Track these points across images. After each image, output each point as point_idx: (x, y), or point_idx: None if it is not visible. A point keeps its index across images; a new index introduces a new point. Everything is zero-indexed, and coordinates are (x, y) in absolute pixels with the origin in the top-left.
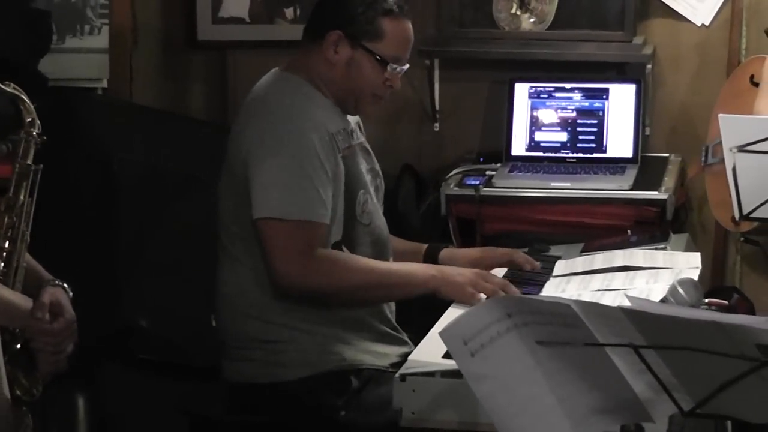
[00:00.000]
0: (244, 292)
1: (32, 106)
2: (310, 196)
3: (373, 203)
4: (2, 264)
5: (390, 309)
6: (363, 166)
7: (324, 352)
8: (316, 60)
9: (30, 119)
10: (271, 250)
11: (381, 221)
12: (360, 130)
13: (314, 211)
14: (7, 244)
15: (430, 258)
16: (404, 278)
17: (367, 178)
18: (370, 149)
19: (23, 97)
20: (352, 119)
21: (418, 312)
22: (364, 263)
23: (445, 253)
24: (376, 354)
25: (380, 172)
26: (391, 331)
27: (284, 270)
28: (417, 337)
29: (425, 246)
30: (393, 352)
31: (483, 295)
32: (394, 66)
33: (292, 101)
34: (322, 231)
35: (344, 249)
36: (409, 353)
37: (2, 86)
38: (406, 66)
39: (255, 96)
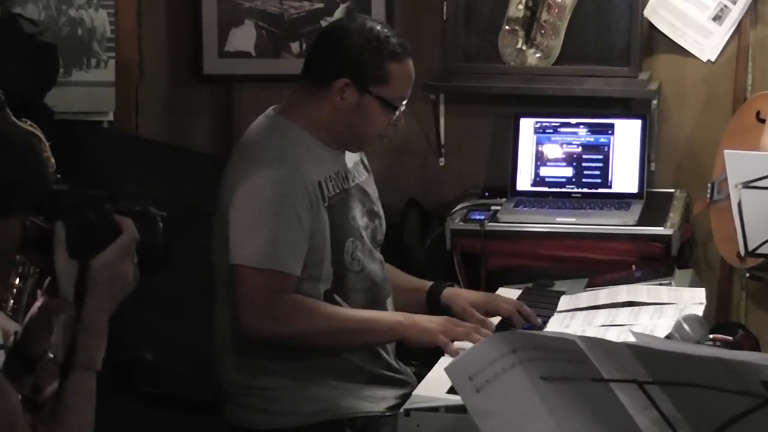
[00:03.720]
0: (233, 338)
1: (47, 144)
2: (283, 247)
3: (365, 248)
4: (12, 301)
5: (387, 349)
6: (355, 211)
7: (316, 401)
8: (318, 104)
9: (45, 155)
10: (237, 296)
11: (375, 265)
12: (364, 165)
13: (285, 262)
14: (18, 281)
15: (433, 296)
16: (370, 324)
17: (361, 222)
18: (368, 189)
19: (40, 135)
20: (354, 156)
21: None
22: (328, 309)
23: (449, 291)
24: (372, 399)
25: (380, 212)
26: (389, 373)
27: (246, 315)
28: (422, 371)
29: (429, 284)
30: (390, 394)
31: (457, 343)
32: (401, 108)
33: (278, 149)
34: (291, 282)
35: (336, 297)
36: (408, 394)
37: (20, 123)
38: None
39: (244, 140)
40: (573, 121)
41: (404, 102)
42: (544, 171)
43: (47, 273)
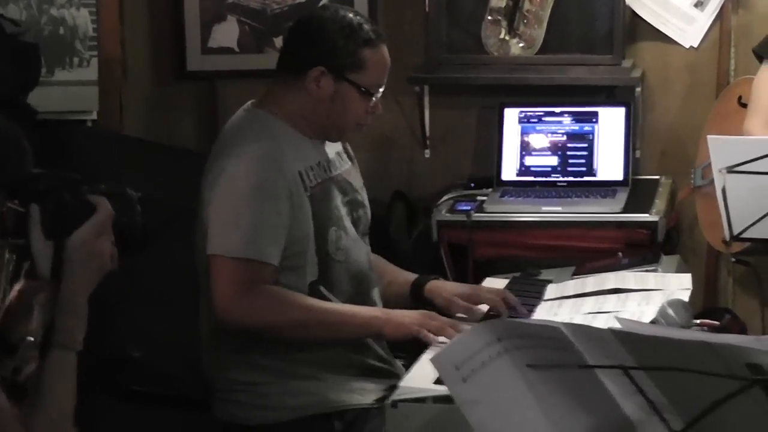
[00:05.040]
0: (219, 333)
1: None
2: (258, 236)
3: (349, 238)
4: None
5: (379, 341)
6: (338, 200)
7: (304, 395)
8: (296, 94)
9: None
10: (213, 284)
11: (360, 255)
12: (347, 154)
13: (261, 250)
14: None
15: (417, 289)
16: (345, 318)
17: (343, 211)
18: (351, 179)
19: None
20: (336, 146)
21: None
22: (303, 301)
23: (433, 284)
24: (361, 391)
25: (364, 201)
26: (379, 364)
27: (221, 304)
28: (412, 363)
29: (413, 276)
30: (379, 386)
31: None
32: (377, 95)
33: (257, 142)
34: (268, 271)
35: (321, 288)
36: (396, 385)
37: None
38: (383, 88)
39: (224, 135)
40: (557, 110)
41: (381, 89)
42: (530, 160)
43: (26, 257)
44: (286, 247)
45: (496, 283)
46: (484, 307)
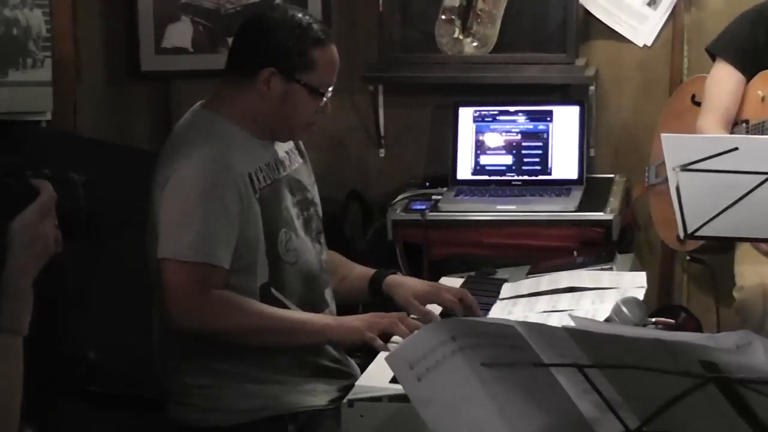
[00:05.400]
0: (170, 336)
1: None
2: (210, 240)
3: (299, 239)
4: None
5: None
6: (287, 201)
7: (257, 398)
8: (245, 95)
9: None
10: (165, 289)
11: (310, 255)
12: (299, 151)
13: (212, 254)
14: None
15: (375, 284)
16: (298, 325)
17: (293, 212)
18: (301, 177)
19: None
20: (287, 144)
21: None
22: (256, 308)
23: (391, 279)
24: (314, 393)
25: (315, 199)
26: (333, 365)
27: (174, 310)
28: (367, 363)
29: (371, 272)
30: (334, 387)
31: (396, 338)
32: (327, 95)
33: (205, 144)
34: (219, 274)
35: (273, 290)
36: (351, 385)
37: None
38: (332, 87)
39: (172, 137)
40: (512, 108)
41: (330, 89)
42: (485, 159)
43: None
44: (236, 249)
45: (451, 282)
46: (439, 308)
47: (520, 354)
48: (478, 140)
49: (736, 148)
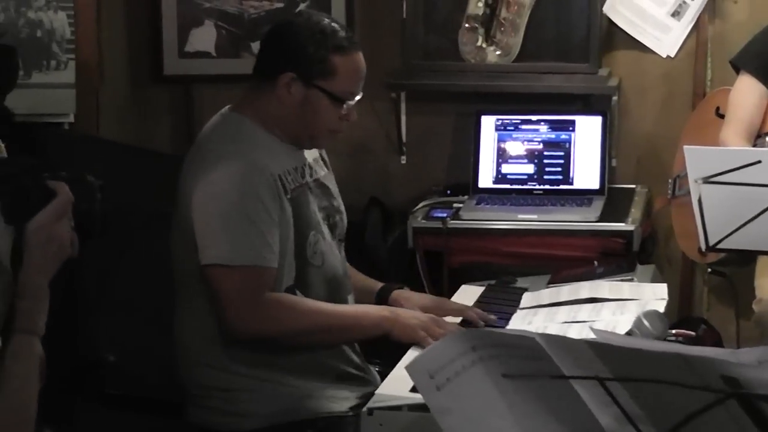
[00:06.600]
0: (195, 339)
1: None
2: (256, 241)
3: (326, 243)
4: None
5: (353, 347)
6: (314, 205)
7: (279, 403)
8: (267, 100)
9: None
10: (219, 297)
11: (335, 260)
12: (323, 161)
13: (261, 256)
14: None
15: (381, 298)
16: (356, 320)
17: (320, 216)
18: (328, 184)
19: None
20: (314, 152)
21: (389, 343)
22: (313, 306)
23: (396, 294)
24: (334, 399)
25: (340, 207)
26: (354, 371)
27: (233, 317)
28: (386, 370)
29: (379, 285)
30: (354, 393)
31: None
32: (350, 102)
33: (235, 145)
34: (270, 275)
35: (297, 292)
36: (371, 392)
37: None
38: (359, 96)
39: (201, 139)
40: (534, 118)
41: (355, 96)
42: (506, 168)
43: None
44: None
45: (471, 290)
46: (455, 320)
47: (540, 366)
48: (500, 149)
49: (759, 161)
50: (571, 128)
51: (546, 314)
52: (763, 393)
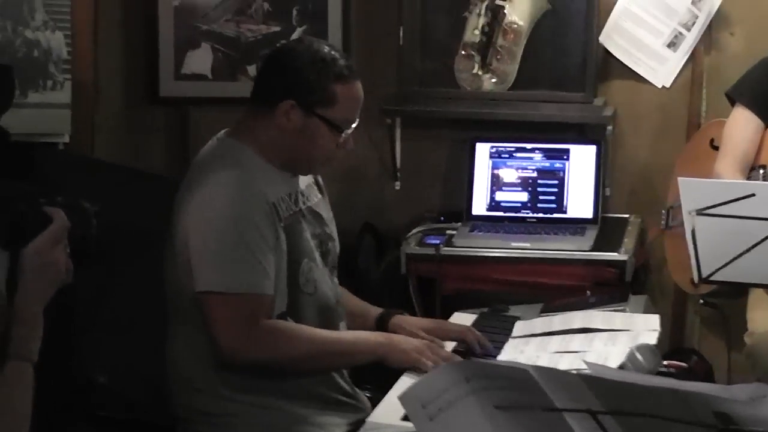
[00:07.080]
0: (187, 362)
1: None
2: (252, 268)
3: (318, 270)
4: None
5: (342, 374)
6: (308, 233)
7: (268, 428)
8: (265, 126)
9: None
10: (214, 323)
11: (328, 288)
12: (318, 186)
13: (257, 283)
14: None
15: (381, 323)
16: (351, 346)
17: (312, 243)
18: (321, 211)
19: None
20: (308, 178)
21: (379, 368)
22: (308, 333)
23: (396, 320)
24: (325, 425)
25: (333, 235)
26: (343, 398)
27: (228, 343)
28: (376, 396)
29: (378, 311)
30: (344, 420)
31: (430, 364)
32: (347, 130)
33: (231, 171)
34: (266, 302)
35: (289, 320)
36: (362, 419)
37: None
38: (356, 123)
39: (196, 163)
40: (528, 146)
41: (352, 125)
42: (500, 196)
43: None
44: None
45: (464, 317)
46: (449, 344)
47: (533, 398)
48: (494, 176)
49: (753, 194)
50: (565, 157)
51: (538, 343)
52: (755, 430)
